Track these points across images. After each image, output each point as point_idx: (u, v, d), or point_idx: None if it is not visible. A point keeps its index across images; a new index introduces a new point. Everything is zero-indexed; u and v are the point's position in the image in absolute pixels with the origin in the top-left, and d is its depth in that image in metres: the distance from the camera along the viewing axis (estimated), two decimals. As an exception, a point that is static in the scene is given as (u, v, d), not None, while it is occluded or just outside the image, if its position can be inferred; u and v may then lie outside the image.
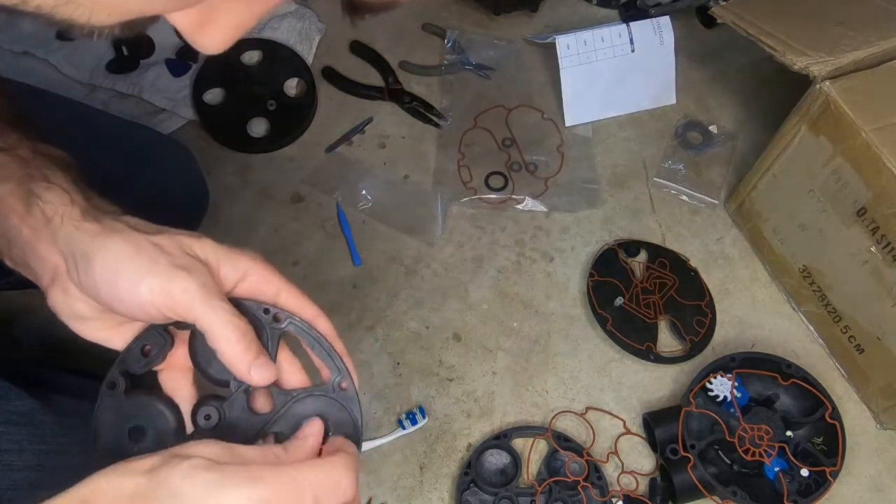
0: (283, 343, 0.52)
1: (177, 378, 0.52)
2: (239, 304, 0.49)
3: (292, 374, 0.52)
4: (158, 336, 0.51)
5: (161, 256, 0.47)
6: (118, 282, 0.46)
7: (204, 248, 0.49)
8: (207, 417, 0.49)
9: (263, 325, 0.50)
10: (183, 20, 0.31)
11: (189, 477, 0.40)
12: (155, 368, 0.51)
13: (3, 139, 0.51)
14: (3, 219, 0.49)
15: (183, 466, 0.40)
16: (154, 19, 0.30)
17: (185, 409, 0.51)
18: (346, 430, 0.51)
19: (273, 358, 0.50)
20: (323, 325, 0.52)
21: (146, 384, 0.51)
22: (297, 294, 0.52)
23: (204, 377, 0.51)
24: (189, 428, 0.50)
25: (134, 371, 0.50)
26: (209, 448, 0.42)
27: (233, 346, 0.47)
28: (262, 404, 0.51)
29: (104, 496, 0.40)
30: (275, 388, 0.51)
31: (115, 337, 0.52)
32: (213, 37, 0.32)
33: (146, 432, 0.49)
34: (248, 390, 0.50)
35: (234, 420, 0.50)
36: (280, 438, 0.50)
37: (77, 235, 0.47)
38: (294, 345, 0.53)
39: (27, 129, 0.54)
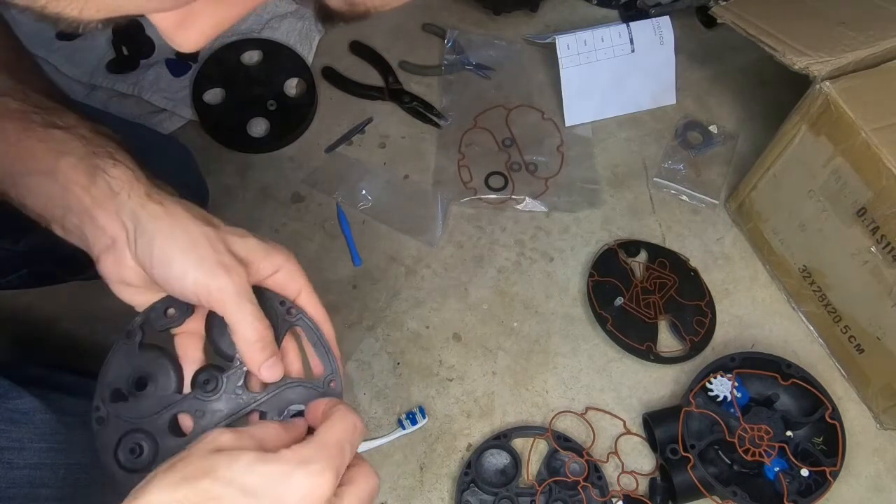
0: (290, 333, 0.57)
1: (189, 341, 0.56)
2: (263, 292, 0.55)
3: (292, 362, 0.57)
4: (183, 303, 0.55)
5: (209, 253, 0.51)
6: (171, 268, 0.51)
7: (247, 245, 0.54)
8: (206, 382, 0.54)
9: (278, 315, 0.56)
10: (163, 19, 0.32)
11: (254, 472, 0.43)
12: (172, 331, 0.56)
13: (62, 119, 0.55)
14: (63, 189, 0.53)
15: (241, 463, 0.43)
16: (139, 15, 0.31)
17: (190, 370, 0.55)
18: None
19: (279, 343, 0.55)
20: (326, 329, 0.57)
21: (159, 341, 0.56)
22: (314, 297, 0.57)
23: (213, 348, 0.56)
24: (187, 389, 0.55)
25: (153, 326, 0.55)
26: (227, 437, 0.45)
27: (250, 344, 0.52)
28: (255, 384, 0.55)
29: None
30: None
31: (150, 302, 0.56)
32: (190, 36, 0.33)
33: (149, 384, 0.54)
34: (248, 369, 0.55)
35: (228, 392, 0.54)
36: (263, 418, 0.55)
37: (142, 213, 0.52)
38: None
39: (77, 110, 0.57)
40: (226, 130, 1.12)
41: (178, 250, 0.51)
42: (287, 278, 0.56)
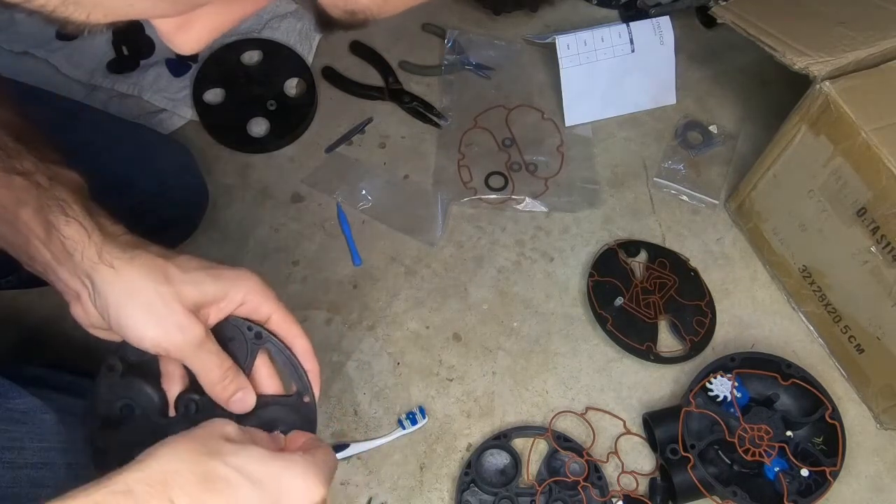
0: (263, 353, 0.60)
1: (172, 363, 0.58)
2: (229, 320, 0.58)
3: (268, 381, 0.60)
4: None
5: (164, 313, 0.53)
6: (127, 327, 0.53)
7: (203, 292, 0.55)
8: (188, 405, 0.58)
9: (246, 340, 0.59)
10: (164, 22, 0.33)
11: (262, 465, 0.46)
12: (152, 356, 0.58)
13: (21, 163, 0.55)
14: (25, 241, 0.54)
15: (250, 454, 0.46)
16: (144, 19, 0.31)
17: (176, 390, 0.58)
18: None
19: (250, 368, 0.59)
20: (301, 344, 0.60)
21: (141, 369, 0.59)
22: (286, 317, 0.60)
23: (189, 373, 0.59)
24: (171, 412, 0.59)
25: (130, 359, 0.59)
26: (232, 428, 0.49)
27: (215, 385, 0.56)
28: None
29: (180, 478, 0.44)
30: None
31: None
32: (188, 39, 0.34)
33: (135, 410, 0.58)
34: None
35: (209, 413, 0.57)
36: None
37: (95, 276, 0.53)
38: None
39: (40, 144, 0.57)
40: (226, 130, 1.12)
41: (131, 315, 0.53)
42: (255, 305, 0.58)
